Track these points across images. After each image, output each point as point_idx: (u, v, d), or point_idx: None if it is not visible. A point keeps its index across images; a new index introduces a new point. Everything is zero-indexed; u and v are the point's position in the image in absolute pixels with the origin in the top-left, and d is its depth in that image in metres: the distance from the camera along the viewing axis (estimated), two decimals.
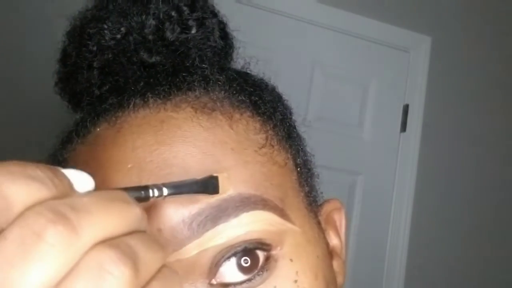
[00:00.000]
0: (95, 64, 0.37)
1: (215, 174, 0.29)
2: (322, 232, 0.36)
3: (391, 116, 1.98)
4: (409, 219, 1.93)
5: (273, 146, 0.33)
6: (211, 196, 0.29)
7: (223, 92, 0.34)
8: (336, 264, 0.37)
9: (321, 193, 0.39)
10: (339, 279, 0.37)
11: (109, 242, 0.19)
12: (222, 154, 0.30)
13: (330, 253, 0.37)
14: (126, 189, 0.25)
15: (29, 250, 0.17)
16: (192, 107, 0.32)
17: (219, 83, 0.34)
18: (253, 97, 0.35)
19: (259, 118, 0.34)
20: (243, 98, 0.34)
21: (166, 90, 0.33)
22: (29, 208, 0.18)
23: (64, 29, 0.39)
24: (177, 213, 0.28)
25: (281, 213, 0.31)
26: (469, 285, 2.00)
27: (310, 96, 1.86)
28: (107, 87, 0.37)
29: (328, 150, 1.87)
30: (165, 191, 0.26)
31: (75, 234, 0.18)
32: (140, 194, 0.25)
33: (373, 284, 1.90)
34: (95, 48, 0.36)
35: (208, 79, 0.34)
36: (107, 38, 0.36)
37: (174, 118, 0.31)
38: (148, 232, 0.28)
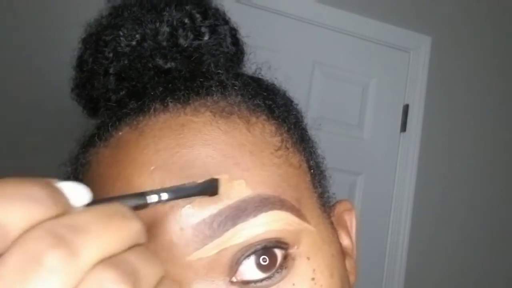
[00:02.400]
0: (111, 70, 0.38)
1: (216, 177, 0.30)
2: (335, 232, 0.37)
3: (391, 116, 1.98)
4: (409, 219, 1.93)
5: (288, 149, 0.34)
6: (231, 197, 0.30)
7: (239, 96, 0.35)
8: (348, 263, 0.38)
9: (333, 194, 0.39)
10: (351, 278, 0.38)
11: (109, 261, 0.19)
12: (240, 157, 0.31)
13: (343, 252, 0.37)
14: (124, 197, 0.25)
15: (29, 277, 0.17)
16: (211, 111, 0.33)
17: (235, 88, 0.35)
18: (267, 101, 0.36)
19: (274, 121, 0.35)
20: (258, 102, 0.35)
21: (185, 95, 0.33)
22: (27, 232, 0.18)
23: (79, 36, 0.40)
24: (198, 213, 0.29)
25: (298, 213, 0.32)
26: (469, 285, 2.00)
27: (310, 96, 1.86)
28: (124, 92, 0.38)
29: (328, 150, 1.86)
30: (164, 196, 0.26)
31: (75, 256, 0.18)
32: (139, 201, 0.25)
33: (373, 284, 1.90)
34: (111, 55, 0.38)
35: (224, 84, 0.35)
36: (122, 44, 0.38)
37: (194, 122, 0.32)
38: (169, 231, 0.29)
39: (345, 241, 0.39)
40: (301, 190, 0.33)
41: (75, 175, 0.35)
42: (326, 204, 0.37)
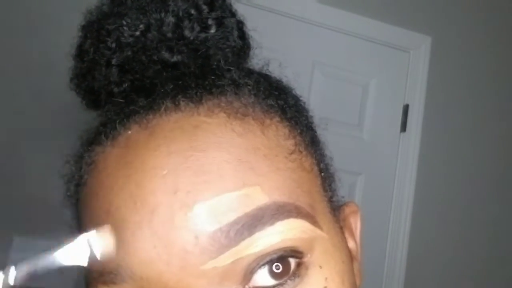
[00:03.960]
0: (114, 62, 0.36)
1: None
2: (344, 236, 0.36)
3: (391, 116, 1.98)
4: (409, 218, 1.93)
5: (301, 152, 0.33)
6: (247, 204, 0.29)
7: (252, 96, 0.33)
8: (354, 266, 0.37)
9: (342, 197, 0.39)
10: (357, 281, 0.37)
11: None
12: (255, 161, 0.30)
13: (351, 256, 0.37)
14: None
15: None
16: (225, 112, 0.31)
17: (249, 87, 0.34)
18: (279, 101, 0.35)
19: (287, 123, 0.34)
20: (272, 103, 0.34)
21: (198, 93, 0.32)
22: None
23: (79, 23, 0.38)
24: (215, 221, 0.28)
25: (313, 220, 0.31)
26: (469, 285, 2.00)
27: (310, 96, 1.86)
28: (127, 85, 0.36)
29: (327, 150, 1.86)
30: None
31: None
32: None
33: (373, 284, 1.90)
34: (114, 45, 0.36)
35: (237, 83, 0.34)
36: (126, 35, 0.36)
37: (208, 123, 0.30)
38: (183, 239, 0.28)
39: (351, 243, 0.38)
40: (313, 195, 0.32)
41: (80, 175, 0.34)
42: (335, 208, 0.36)
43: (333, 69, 1.92)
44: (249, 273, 0.29)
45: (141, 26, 0.36)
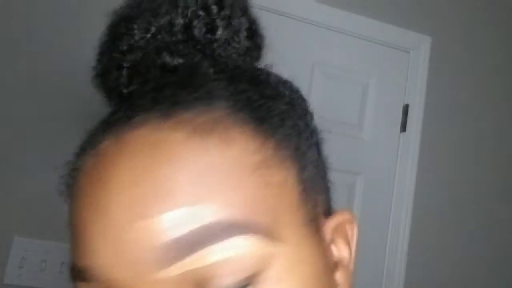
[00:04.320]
0: (124, 64, 0.37)
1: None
2: (323, 247, 0.35)
3: (391, 116, 1.99)
4: (409, 218, 1.93)
5: (270, 167, 0.33)
6: (199, 220, 0.29)
7: (224, 109, 0.33)
8: (340, 275, 0.37)
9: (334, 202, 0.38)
10: None
11: None
12: (212, 178, 0.30)
13: (333, 265, 0.37)
14: None
15: None
16: (187, 128, 0.32)
17: (224, 99, 0.34)
18: (259, 113, 0.34)
19: (261, 134, 0.33)
20: (247, 116, 0.33)
21: (169, 106, 0.33)
22: None
23: (103, 26, 0.40)
24: (166, 234, 0.29)
25: (272, 235, 0.31)
26: (469, 285, 2.00)
27: (310, 96, 1.85)
28: (135, 87, 0.37)
29: (327, 150, 1.86)
30: None
31: None
32: None
33: (373, 283, 1.90)
34: (125, 48, 0.37)
35: (211, 95, 0.34)
36: (136, 38, 0.37)
37: (170, 139, 0.31)
38: (137, 248, 0.29)
39: (343, 252, 0.38)
40: (279, 210, 0.32)
41: (67, 179, 0.36)
42: (318, 218, 0.35)
43: (333, 69, 1.92)
44: (201, 286, 0.29)
45: (152, 28, 0.37)
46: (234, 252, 0.29)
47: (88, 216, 0.31)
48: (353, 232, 0.39)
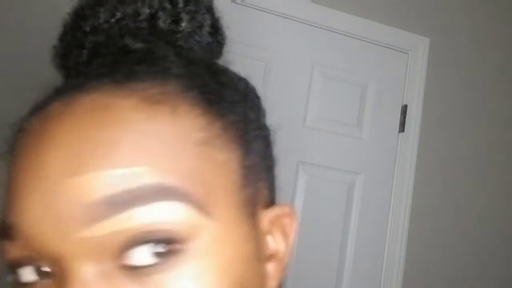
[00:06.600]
0: (86, 44, 0.38)
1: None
2: (255, 234, 0.35)
3: (389, 117, 2.00)
4: (407, 218, 1.94)
5: (214, 146, 0.33)
6: (131, 181, 0.30)
7: (178, 86, 0.34)
8: (272, 267, 0.37)
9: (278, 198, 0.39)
10: (272, 283, 0.37)
11: None
12: (153, 144, 0.31)
13: (266, 255, 0.37)
14: None
15: None
16: (139, 97, 0.32)
17: (178, 77, 0.35)
18: (210, 95, 0.35)
19: (208, 116, 0.34)
20: (198, 96, 0.34)
21: (122, 77, 0.34)
22: None
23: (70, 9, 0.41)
24: (96, 193, 0.29)
25: (203, 208, 0.31)
26: (468, 284, 2.01)
27: (309, 97, 1.87)
28: (94, 67, 0.38)
29: (327, 150, 1.88)
30: None
31: None
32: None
33: (371, 283, 1.92)
34: (88, 29, 0.38)
35: (166, 71, 0.35)
36: (101, 21, 0.38)
37: (118, 104, 0.32)
38: (62, 205, 0.29)
39: (279, 245, 0.38)
40: (215, 187, 0.32)
41: (12, 139, 0.36)
42: (256, 205, 0.36)
43: (333, 70, 1.93)
44: (125, 248, 0.30)
45: (118, 14, 0.38)
46: (162, 216, 0.29)
47: (23, 172, 0.31)
48: (291, 227, 0.39)
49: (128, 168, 0.30)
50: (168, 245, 0.30)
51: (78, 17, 0.39)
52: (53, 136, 0.31)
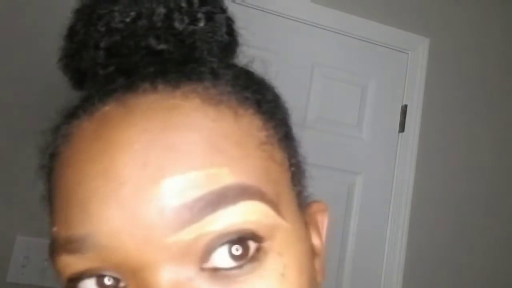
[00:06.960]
0: (102, 45, 0.37)
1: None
2: (308, 231, 0.36)
3: (389, 117, 2.00)
4: (407, 218, 1.94)
5: (272, 145, 0.34)
6: (213, 183, 0.29)
7: (229, 87, 0.34)
8: (316, 263, 0.38)
9: (311, 194, 0.40)
10: (319, 278, 0.38)
11: None
12: (225, 145, 0.31)
13: (313, 252, 0.37)
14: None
15: None
16: (200, 98, 0.32)
17: (227, 77, 0.35)
18: (256, 95, 0.35)
19: (261, 116, 0.35)
20: (247, 95, 0.35)
21: (175, 78, 0.33)
22: None
23: (73, 6, 0.40)
24: (180, 197, 0.29)
25: (276, 207, 0.32)
26: (468, 283, 2.01)
27: (309, 97, 1.87)
28: (112, 68, 0.37)
29: (327, 150, 1.88)
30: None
31: None
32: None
33: (371, 283, 1.92)
34: (103, 29, 0.37)
35: (216, 72, 0.35)
36: (116, 20, 0.37)
37: (182, 106, 0.31)
38: (149, 212, 0.29)
39: (316, 240, 0.39)
40: (281, 186, 0.33)
41: (54, 146, 0.34)
42: (302, 203, 0.37)
43: (333, 70, 1.93)
44: (209, 251, 0.29)
45: (132, 13, 0.37)
46: (247, 215, 0.30)
47: (92, 180, 0.30)
48: (324, 222, 0.40)
49: (206, 170, 0.30)
50: (253, 243, 0.30)
51: (90, 16, 0.37)
52: (120, 140, 0.30)
